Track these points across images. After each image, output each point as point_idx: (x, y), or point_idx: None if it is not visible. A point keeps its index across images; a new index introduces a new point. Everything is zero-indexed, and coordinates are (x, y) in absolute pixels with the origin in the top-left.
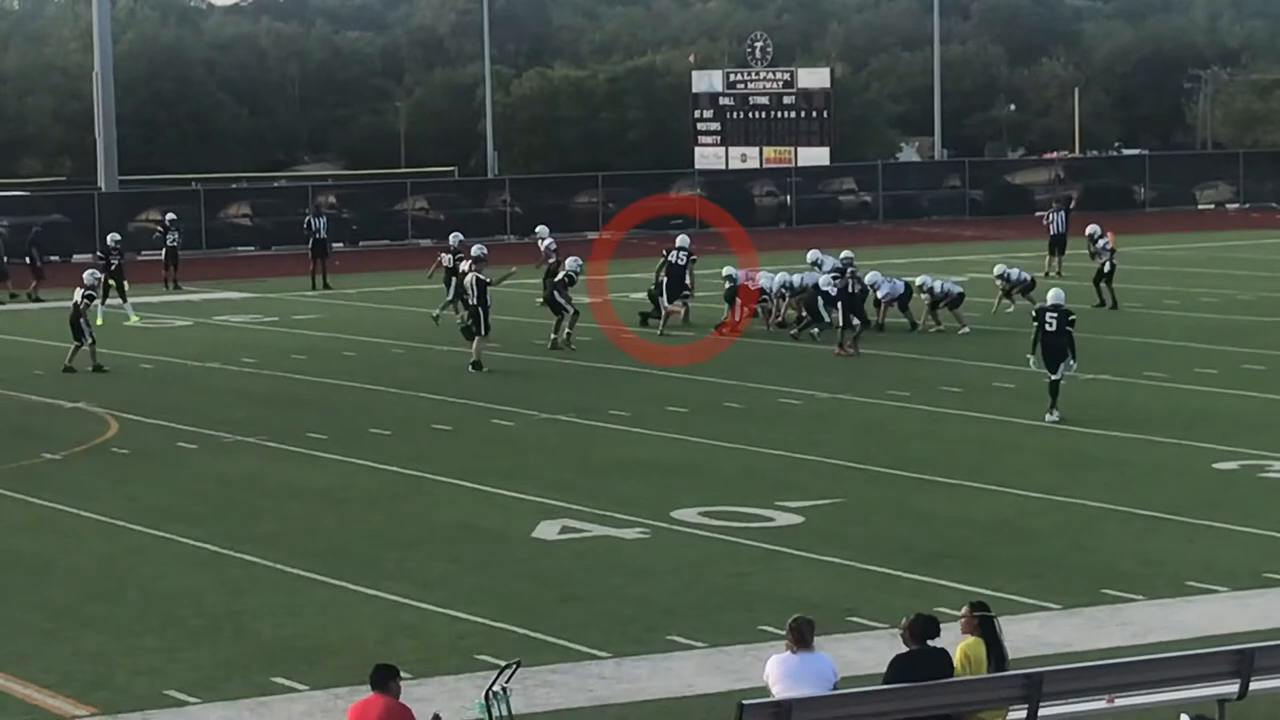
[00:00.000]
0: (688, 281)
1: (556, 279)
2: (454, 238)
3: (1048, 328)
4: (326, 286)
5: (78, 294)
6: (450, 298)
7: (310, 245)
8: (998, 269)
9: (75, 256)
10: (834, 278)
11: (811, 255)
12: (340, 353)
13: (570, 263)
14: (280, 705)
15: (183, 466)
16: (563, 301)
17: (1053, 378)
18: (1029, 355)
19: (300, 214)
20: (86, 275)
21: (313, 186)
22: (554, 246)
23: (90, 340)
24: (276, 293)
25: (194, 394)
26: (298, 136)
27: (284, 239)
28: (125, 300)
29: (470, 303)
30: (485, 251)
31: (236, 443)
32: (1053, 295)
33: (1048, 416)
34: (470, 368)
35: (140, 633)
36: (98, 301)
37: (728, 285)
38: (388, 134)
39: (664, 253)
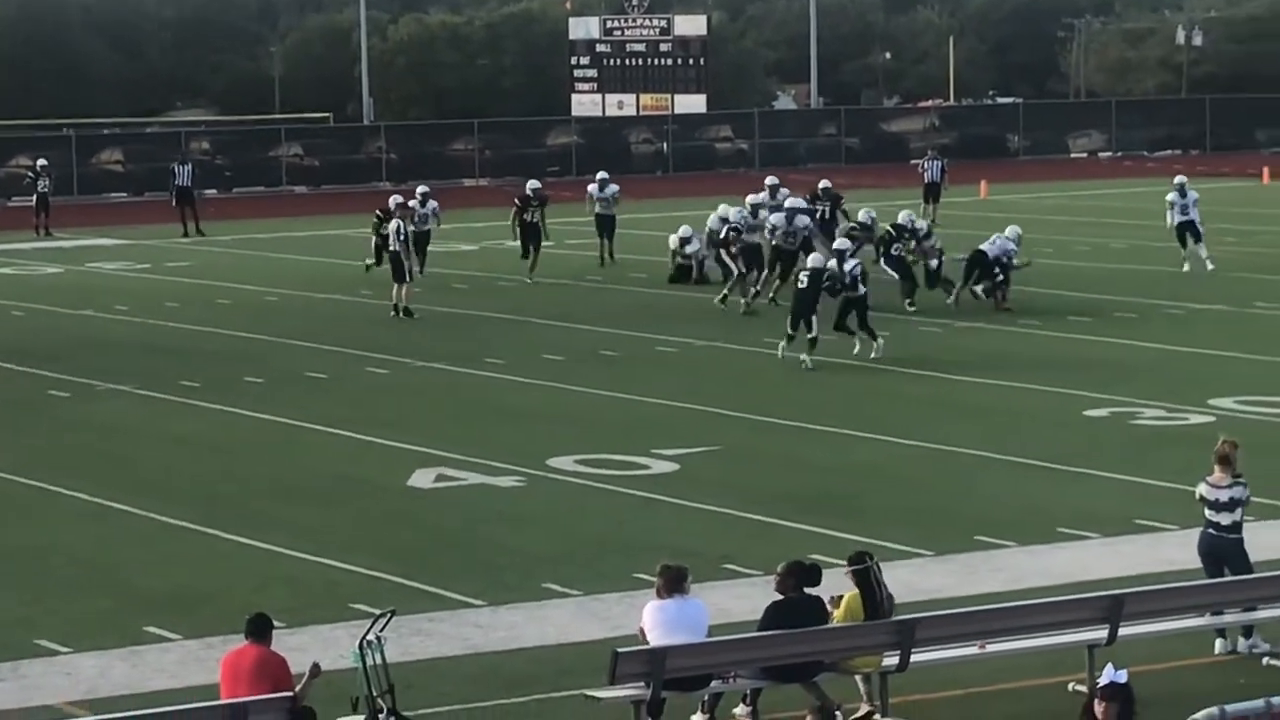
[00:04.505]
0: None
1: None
2: (530, 185)
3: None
4: (200, 233)
5: None
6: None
7: (174, 193)
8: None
9: None
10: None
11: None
12: (214, 300)
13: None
14: (153, 654)
15: (55, 415)
16: (728, 260)
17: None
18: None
19: (174, 160)
20: None
21: (186, 132)
22: (433, 207)
23: None
24: (149, 240)
25: (66, 342)
26: (171, 82)
27: (156, 185)
28: None
29: (390, 248)
30: (420, 202)
31: (109, 391)
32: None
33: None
34: (401, 314)
35: (11, 583)
36: None
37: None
38: (262, 80)
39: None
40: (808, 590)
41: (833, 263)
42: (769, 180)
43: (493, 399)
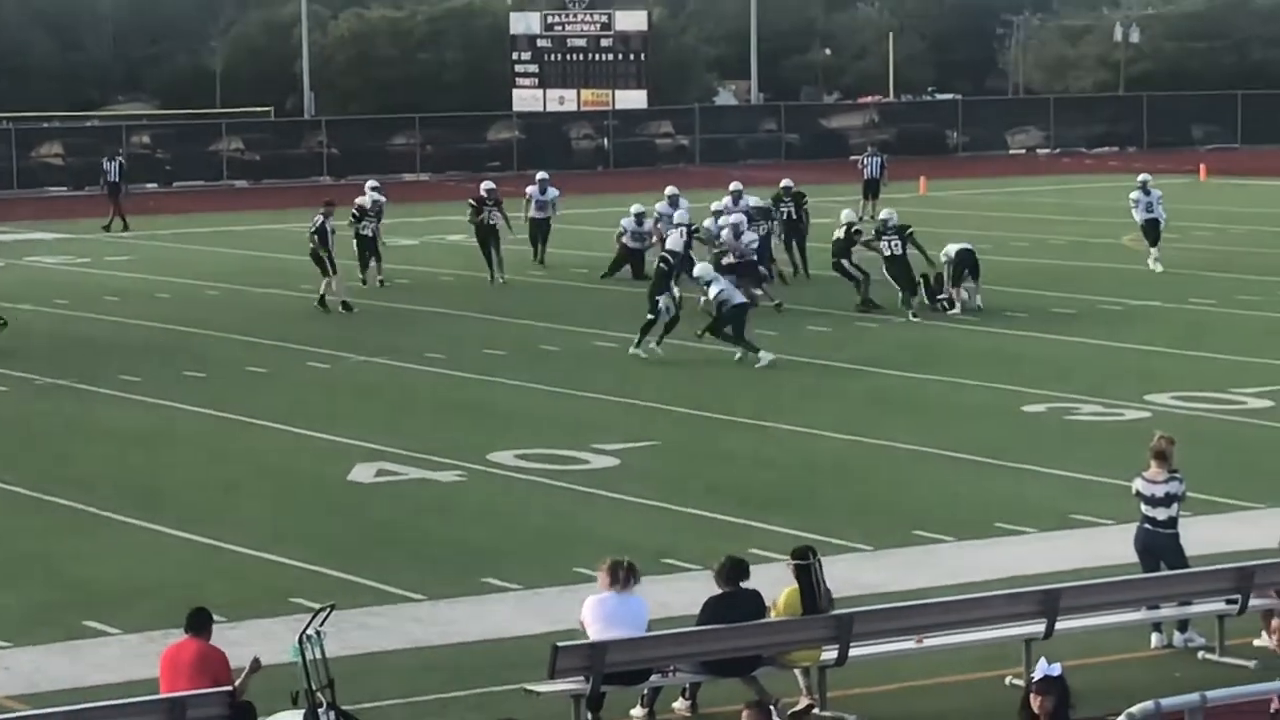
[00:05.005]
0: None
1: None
2: (485, 186)
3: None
4: (107, 229)
5: None
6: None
7: (104, 188)
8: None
9: None
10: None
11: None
12: (154, 294)
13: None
14: (92, 648)
15: None
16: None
17: None
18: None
19: (114, 154)
20: None
21: (126, 126)
22: (378, 201)
23: None
24: (89, 234)
25: (5, 335)
26: (112, 75)
27: (96, 179)
28: None
29: (311, 245)
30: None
31: (49, 385)
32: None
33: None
34: (341, 308)
35: None
36: None
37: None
38: (203, 74)
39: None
40: (743, 585)
41: (716, 289)
42: (733, 186)
43: (434, 394)
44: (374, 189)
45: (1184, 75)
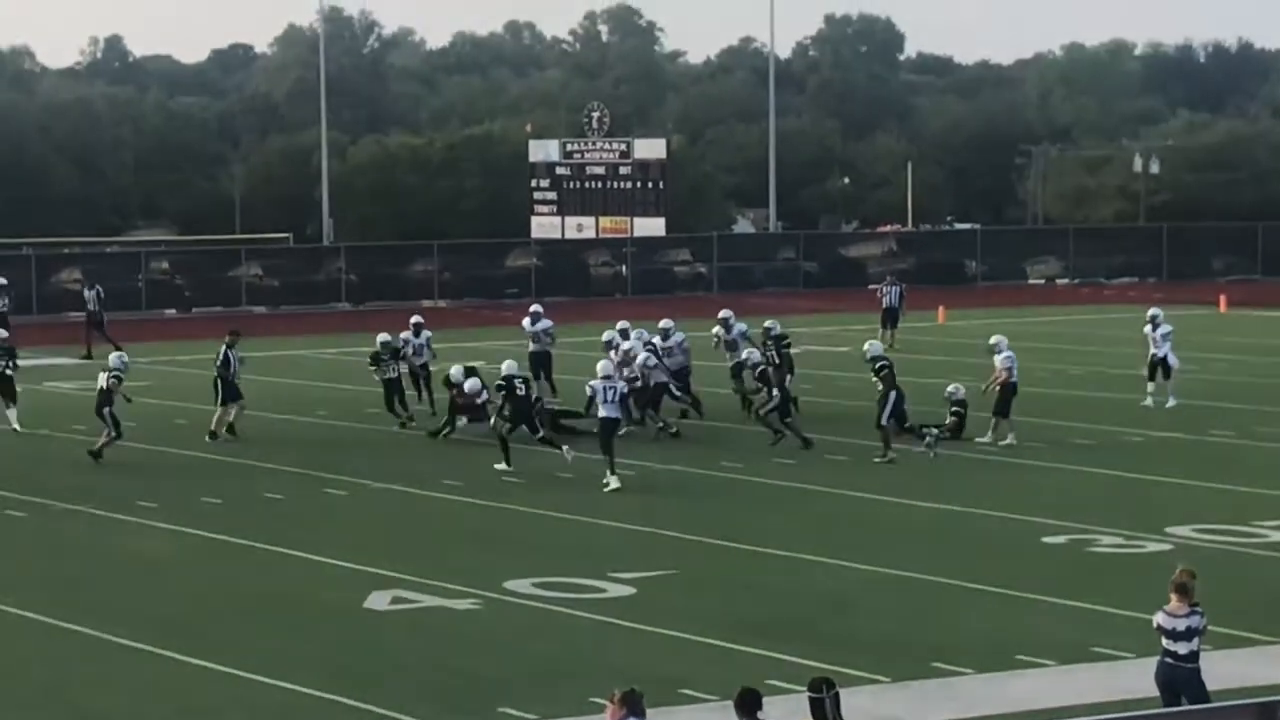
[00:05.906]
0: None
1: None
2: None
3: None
4: (89, 356)
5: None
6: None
7: (86, 317)
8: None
9: None
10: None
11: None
12: (172, 420)
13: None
14: None
15: (11, 535)
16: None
17: None
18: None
19: (134, 280)
20: (113, 358)
21: (145, 252)
22: (427, 337)
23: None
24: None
25: (23, 462)
26: (131, 201)
27: (114, 304)
28: None
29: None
30: (414, 333)
31: (66, 511)
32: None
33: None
34: (209, 437)
35: None
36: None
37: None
38: (223, 200)
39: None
40: (760, 716)
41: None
42: (722, 313)
43: (450, 521)
44: (417, 324)
45: (1204, 206)
